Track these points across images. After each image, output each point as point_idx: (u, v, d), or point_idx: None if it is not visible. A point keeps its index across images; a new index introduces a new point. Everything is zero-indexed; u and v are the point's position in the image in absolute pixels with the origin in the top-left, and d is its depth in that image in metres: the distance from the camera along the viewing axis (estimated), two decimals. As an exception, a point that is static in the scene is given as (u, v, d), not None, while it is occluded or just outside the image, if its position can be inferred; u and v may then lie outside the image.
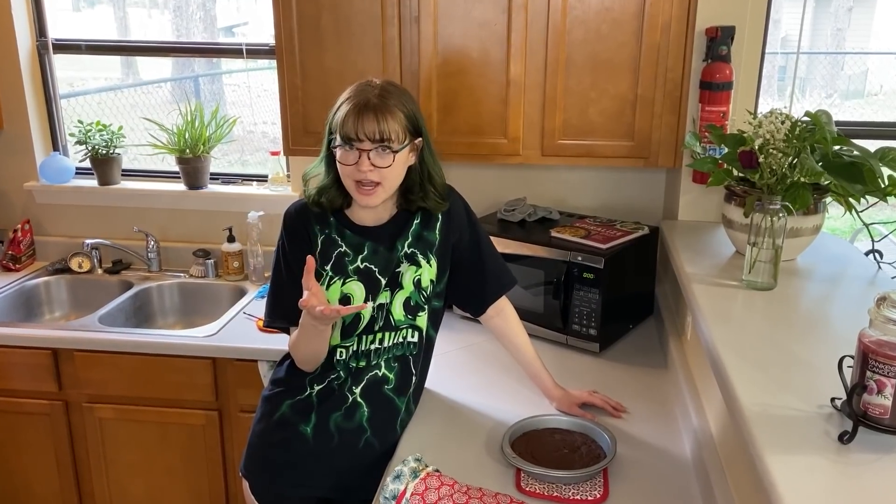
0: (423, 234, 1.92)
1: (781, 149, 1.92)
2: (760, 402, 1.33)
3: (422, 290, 1.92)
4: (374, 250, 1.87)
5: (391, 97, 1.77)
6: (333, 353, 1.88)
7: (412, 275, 1.90)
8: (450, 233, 1.97)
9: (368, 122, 1.72)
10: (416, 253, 1.91)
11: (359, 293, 1.86)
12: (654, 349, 2.48)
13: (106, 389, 2.72)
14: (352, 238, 1.87)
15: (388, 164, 1.75)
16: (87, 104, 3.81)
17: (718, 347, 1.55)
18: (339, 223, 1.88)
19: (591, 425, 1.92)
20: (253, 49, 3.15)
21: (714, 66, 2.36)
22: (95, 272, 3.26)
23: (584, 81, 2.48)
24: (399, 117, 1.76)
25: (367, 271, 1.86)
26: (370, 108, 1.73)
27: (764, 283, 1.89)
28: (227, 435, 2.72)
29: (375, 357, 1.90)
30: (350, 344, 1.88)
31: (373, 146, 1.74)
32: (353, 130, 1.73)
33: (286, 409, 1.90)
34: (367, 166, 1.74)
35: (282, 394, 1.92)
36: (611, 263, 2.35)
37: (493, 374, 2.31)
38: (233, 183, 3.34)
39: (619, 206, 2.92)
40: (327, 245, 1.87)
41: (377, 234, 1.89)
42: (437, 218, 1.94)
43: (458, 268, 2.02)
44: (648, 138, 2.49)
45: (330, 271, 1.85)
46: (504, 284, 2.11)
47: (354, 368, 1.89)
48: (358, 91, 1.77)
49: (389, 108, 1.75)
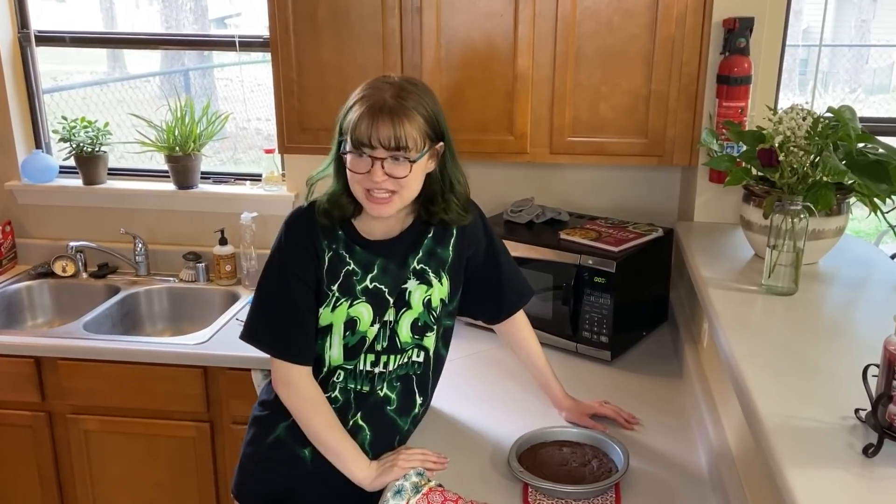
0: (436, 250, 1.87)
1: (803, 146, 1.92)
2: (781, 413, 1.33)
3: (432, 311, 1.87)
4: (385, 269, 1.81)
5: (410, 97, 1.67)
6: (332, 375, 1.84)
7: (422, 294, 1.84)
8: (464, 248, 1.92)
9: (384, 127, 1.62)
10: (426, 270, 1.85)
11: (366, 316, 1.79)
12: (669, 357, 2.48)
13: (91, 400, 2.72)
14: (361, 255, 1.79)
15: (404, 174, 1.67)
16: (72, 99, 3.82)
17: (736, 356, 1.56)
18: (348, 237, 1.80)
19: (603, 438, 1.92)
20: (246, 41, 3.16)
21: (732, 59, 2.37)
22: (80, 276, 3.27)
23: (595, 76, 2.48)
24: (418, 122, 1.66)
25: (375, 292, 1.80)
26: (386, 110, 1.63)
27: (784, 287, 1.90)
28: (219, 448, 2.73)
29: (379, 381, 1.85)
30: (351, 366, 1.84)
31: (387, 154, 1.64)
32: (365, 136, 1.63)
33: (282, 432, 1.87)
34: (381, 176, 1.65)
35: (275, 416, 1.88)
36: (623, 267, 2.36)
37: (499, 383, 2.31)
38: (225, 182, 3.35)
39: (632, 206, 2.93)
40: (335, 262, 1.78)
41: (388, 249, 1.82)
42: (452, 233, 1.89)
43: (473, 282, 1.98)
44: (663, 135, 2.50)
45: (337, 292, 1.78)
46: (522, 298, 2.10)
47: (356, 392, 1.84)
48: (372, 90, 1.68)
49: (407, 111, 1.65)
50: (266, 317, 1.82)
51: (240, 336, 1.85)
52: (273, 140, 2.91)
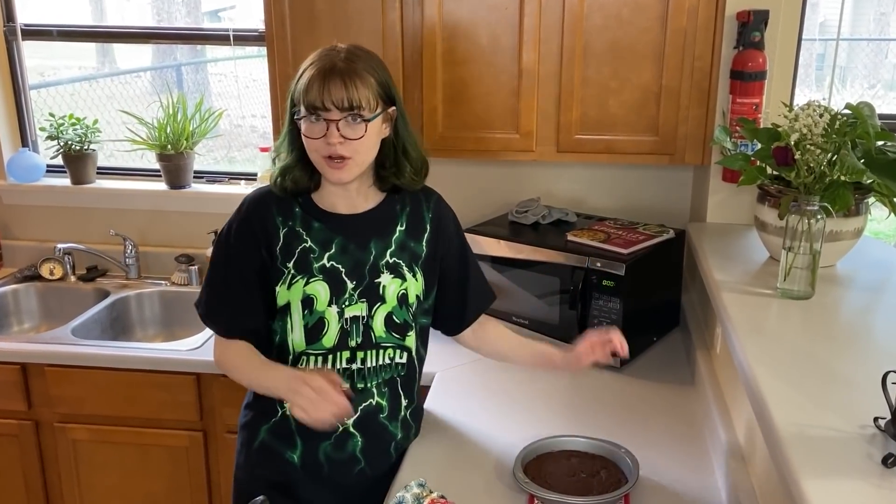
0: (409, 244, 1.89)
1: (820, 144, 1.92)
2: (796, 421, 1.33)
3: (408, 307, 1.88)
4: (343, 248, 1.83)
5: (359, 61, 1.72)
6: (298, 362, 1.85)
7: (396, 288, 1.86)
8: (438, 245, 1.94)
9: (336, 88, 1.67)
10: (399, 264, 1.87)
11: (323, 294, 1.81)
12: (681, 364, 2.48)
13: (80, 408, 2.73)
14: (319, 232, 1.82)
15: (359, 135, 1.71)
16: (59, 95, 3.82)
17: (750, 362, 1.56)
18: (306, 212, 1.84)
19: (612, 448, 1.92)
20: (241, 35, 3.16)
21: (746, 53, 2.37)
22: (68, 279, 3.28)
23: (604, 71, 2.49)
24: (370, 82, 1.71)
25: (332, 271, 1.82)
26: (337, 72, 1.68)
27: (800, 291, 1.90)
28: (213, 458, 2.73)
29: (361, 381, 1.86)
30: (318, 353, 1.84)
31: (342, 115, 1.69)
32: (318, 98, 1.68)
33: (265, 436, 1.90)
34: (337, 138, 1.69)
35: (257, 418, 1.92)
36: (633, 270, 2.36)
37: (503, 391, 2.31)
38: (219, 182, 3.36)
39: (642, 207, 2.93)
40: (290, 239, 1.82)
41: (350, 228, 1.84)
42: (426, 228, 1.91)
43: (442, 283, 1.98)
44: (674, 133, 2.50)
45: (293, 269, 1.81)
46: (486, 301, 2.09)
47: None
48: (322, 56, 1.73)
49: (358, 72, 1.70)
50: (208, 287, 1.92)
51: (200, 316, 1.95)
52: (269, 138, 2.92)
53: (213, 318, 1.91)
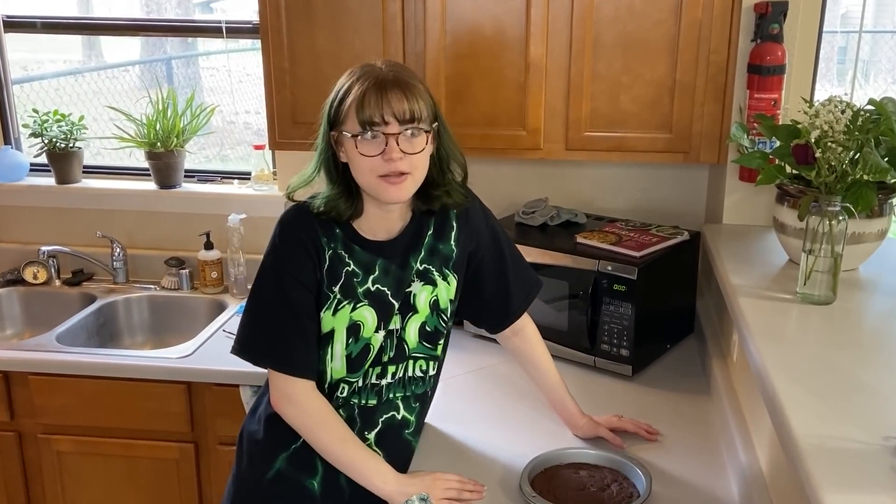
0: (438, 246, 1.88)
1: (841, 142, 1.92)
2: (818, 433, 1.33)
3: (440, 314, 1.88)
4: (386, 270, 1.82)
5: (405, 72, 1.73)
6: (335, 389, 1.83)
7: (428, 296, 1.86)
8: (467, 241, 1.93)
9: (396, 99, 1.65)
10: (430, 270, 1.86)
11: (370, 321, 1.80)
12: (695, 373, 2.48)
13: (65, 418, 2.73)
14: (361, 255, 1.80)
15: (419, 148, 1.70)
16: (44, 91, 3.83)
17: (769, 371, 1.56)
18: (347, 237, 1.80)
19: (623, 460, 1.92)
20: (234, 27, 3.17)
21: (764, 46, 2.37)
22: (53, 284, 3.29)
23: (615, 65, 2.49)
24: (423, 93, 1.71)
25: (378, 294, 1.81)
26: (393, 83, 1.67)
27: (821, 296, 1.90)
28: (204, 471, 2.74)
29: (387, 393, 1.86)
30: (355, 379, 1.84)
31: (401, 129, 1.67)
32: (377, 112, 1.65)
33: (282, 465, 1.85)
34: (398, 153, 1.66)
35: (273, 447, 1.87)
36: (645, 274, 2.36)
37: (508, 400, 2.31)
38: (211, 181, 3.37)
39: (655, 207, 2.93)
40: (335, 262, 1.78)
41: (389, 249, 1.83)
42: (452, 226, 1.90)
43: (477, 278, 1.98)
44: (688, 130, 2.50)
45: (339, 293, 1.78)
46: (530, 293, 2.09)
47: (363, 407, 1.85)
48: (365, 71, 1.70)
49: (411, 82, 1.70)
50: (262, 326, 1.82)
51: (232, 350, 1.85)
52: (263, 135, 2.92)
53: (283, 359, 1.79)
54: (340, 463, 1.79)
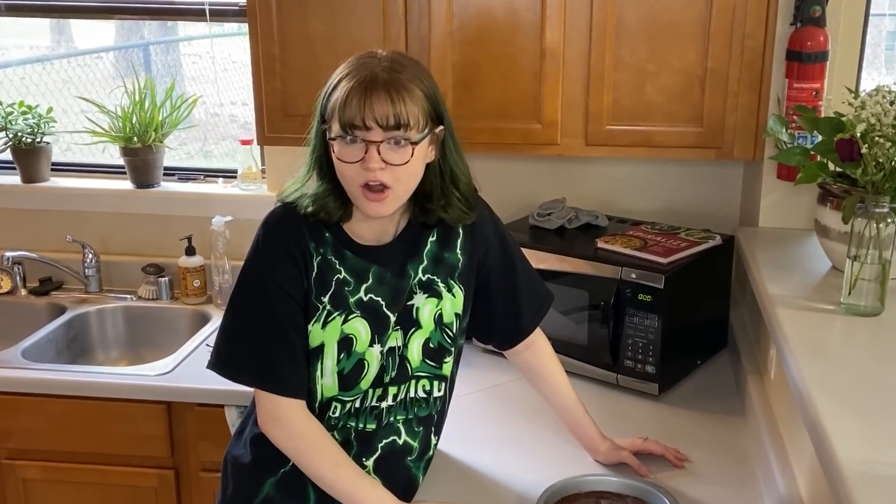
0: (443, 255, 1.88)
1: (890, 136, 1.93)
2: (863, 458, 1.34)
3: (445, 329, 1.88)
4: (380, 278, 1.81)
5: (405, 70, 1.69)
6: (327, 409, 1.83)
7: (432, 309, 1.85)
8: (475, 250, 1.93)
9: (379, 103, 1.63)
10: (434, 280, 1.86)
11: (364, 334, 1.79)
12: (729, 392, 2.49)
13: (31, 442, 2.74)
14: (353, 261, 1.79)
15: (404, 160, 1.67)
16: (8, 80, 3.84)
17: (810, 389, 1.56)
18: (337, 241, 1.80)
19: (648, 488, 1.93)
20: (218, 10, 3.18)
21: (804, 31, 2.38)
22: (18, 293, 3.30)
23: (640, 51, 2.50)
24: (418, 96, 1.68)
25: (371, 305, 1.80)
26: (380, 84, 1.64)
27: (868, 307, 1.90)
28: (186, 499, 2.74)
29: (387, 416, 1.86)
30: (351, 399, 1.83)
31: (385, 136, 1.65)
32: (357, 115, 1.64)
33: (270, 490, 1.85)
34: (377, 163, 1.65)
35: (259, 471, 1.87)
36: (673, 282, 2.37)
37: (522, 422, 2.32)
38: (193, 180, 3.38)
39: (684, 209, 2.94)
40: (325, 270, 1.78)
41: (383, 255, 1.82)
42: (458, 233, 1.90)
43: (484, 291, 1.98)
44: (721, 123, 2.51)
45: (329, 304, 1.78)
46: (542, 307, 2.10)
47: (360, 432, 1.84)
48: (360, 64, 1.69)
49: (405, 84, 1.67)
50: (244, 339, 1.82)
51: (208, 365, 1.85)
52: (250, 129, 2.93)
53: (267, 376, 1.79)
54: (334, 490, 1.78)
